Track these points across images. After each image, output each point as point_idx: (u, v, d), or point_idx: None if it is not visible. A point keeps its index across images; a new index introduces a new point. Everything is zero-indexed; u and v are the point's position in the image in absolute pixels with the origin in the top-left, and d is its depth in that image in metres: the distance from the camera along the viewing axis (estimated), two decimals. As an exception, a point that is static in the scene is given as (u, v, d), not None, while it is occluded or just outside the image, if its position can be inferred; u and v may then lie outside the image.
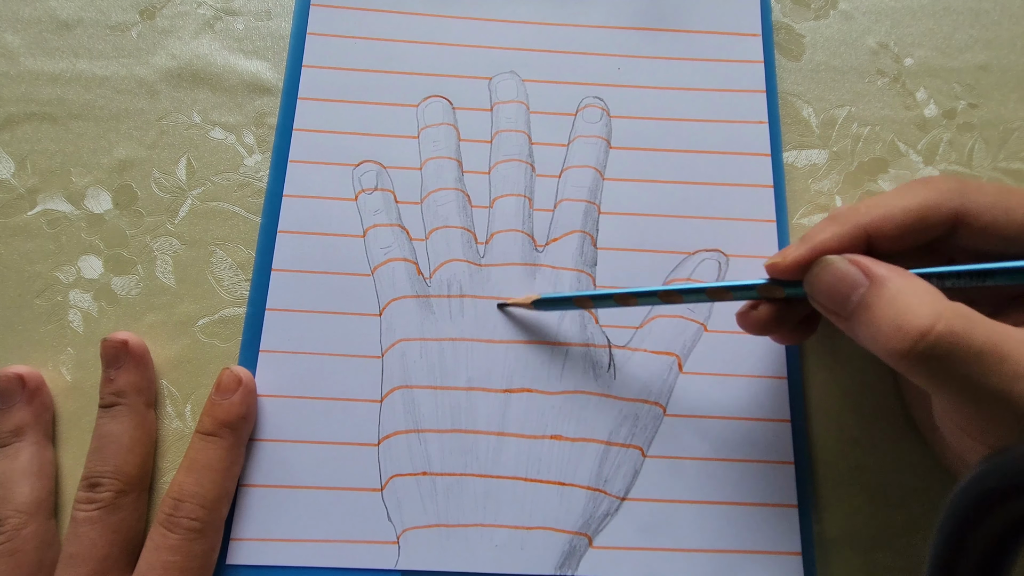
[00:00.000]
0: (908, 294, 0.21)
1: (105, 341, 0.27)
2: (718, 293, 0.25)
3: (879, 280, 0.22)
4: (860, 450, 0.28)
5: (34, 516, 0.25)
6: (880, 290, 0.21)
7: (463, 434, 0.28)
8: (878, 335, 0.21)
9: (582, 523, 0.27)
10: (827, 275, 0.23)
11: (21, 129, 0.32)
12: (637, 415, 0.28)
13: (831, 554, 0.27)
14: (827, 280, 0.23)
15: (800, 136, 0.33)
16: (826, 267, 0.23)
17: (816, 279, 0.23)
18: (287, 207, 0.31)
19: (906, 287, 0.21)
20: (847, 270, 0.22)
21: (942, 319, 0.20)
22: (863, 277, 0.22)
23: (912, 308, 0.20)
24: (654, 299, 0.26)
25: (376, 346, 0.29)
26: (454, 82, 0.33)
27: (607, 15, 0.34)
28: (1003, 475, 0.17)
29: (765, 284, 0.25)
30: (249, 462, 0.27)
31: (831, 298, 0.23)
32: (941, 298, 0.21)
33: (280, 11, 0.34)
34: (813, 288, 0.23)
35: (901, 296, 0.21)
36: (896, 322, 0.20)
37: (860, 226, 0.24)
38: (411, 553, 0.26)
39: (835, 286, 0.23)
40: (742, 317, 0.26)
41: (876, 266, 0.22)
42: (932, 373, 0.20)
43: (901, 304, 0.21)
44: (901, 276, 0.22)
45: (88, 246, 0.30)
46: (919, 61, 0.34)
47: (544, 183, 0.32)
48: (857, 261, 0.22)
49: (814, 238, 0.24)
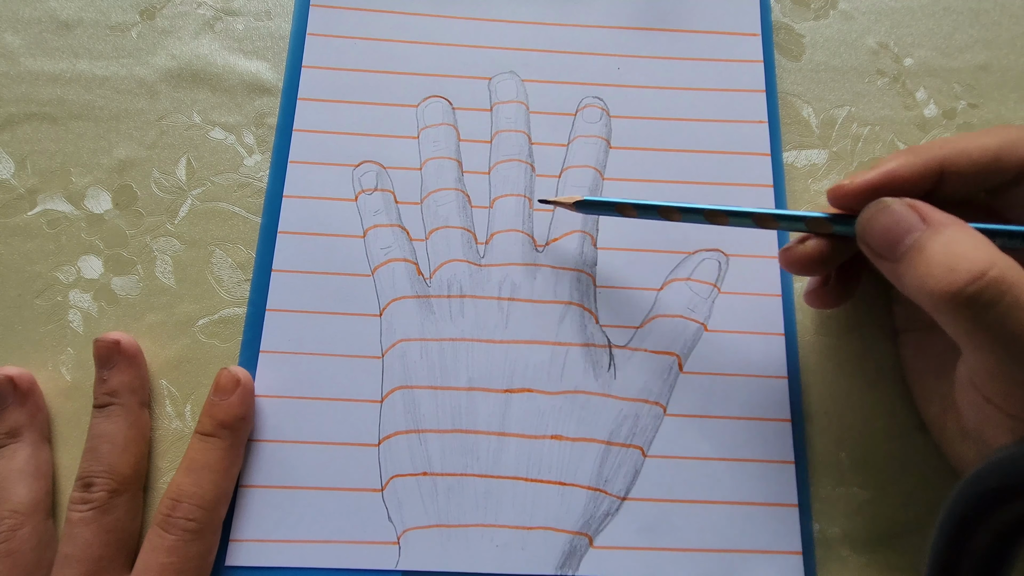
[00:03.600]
0: (964, 240, 0.21)
1: (98, 341, 0.27)
2: (764, 220, 0.25)
3: (936, 224, 0.21)
4: (860, 450, 0.28)
5: (31, 516, 0.25)
6: (936, 234, 0.21)
7: (463, 434, 0.28)
8: (928, 276, 0.21)
9: (583, 523, 0.27)
10: (884, 216, 0.23)
11: (21, 129, 0.32)
12: (637, 415, 0.28)
13: (831, 554, 0.27)
14: (883, 221, 0.23)
15: (800, 136, 0.33)
16: (884, 208, 0.23)
17: (872, 219, 0.23)
18: (287, 207, 0.31)
19: (962, 233, 0.21)
20: (904, 212, 0.22)
21: (996, 266, 0.20)
22: (920, 221, 0.22)
23: (967, 253, 0.20)
24: (699, 216, 0.26)
25: (376, 346, 0.29)
26: (454, 82, 0.33)
27: (607, 15, 0.34)
28: (1003, 475, 0.17)
29: (815, 217, 0.25)
30: (249, 462, 0.27)
31: (884, 239, 0.22)
32: (996, 249, 0.21)
33: (280, 11, 0.34)
34: (866, 228, 0.23)
35: (957, 241, 0.21)
36: (949, 263, 0.20)
37: (935, 158, 0.24)
38: (412, 553, 0.26)
39: (891, 228, 0.22)
40: (787, 253, 0.26)
41: (934, 212, 0.22)
42: (976, 319, 0.20)
43: (956, 248, 0.21)
44: (958, 224, 0.22)
45: (88, 246, 0.30)
46: (919, 61, 0.34)
47: (544, 183, 0.32)
48: (915, 205, 0.22)
49: (884, 164, 0.24)
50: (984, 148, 0.24)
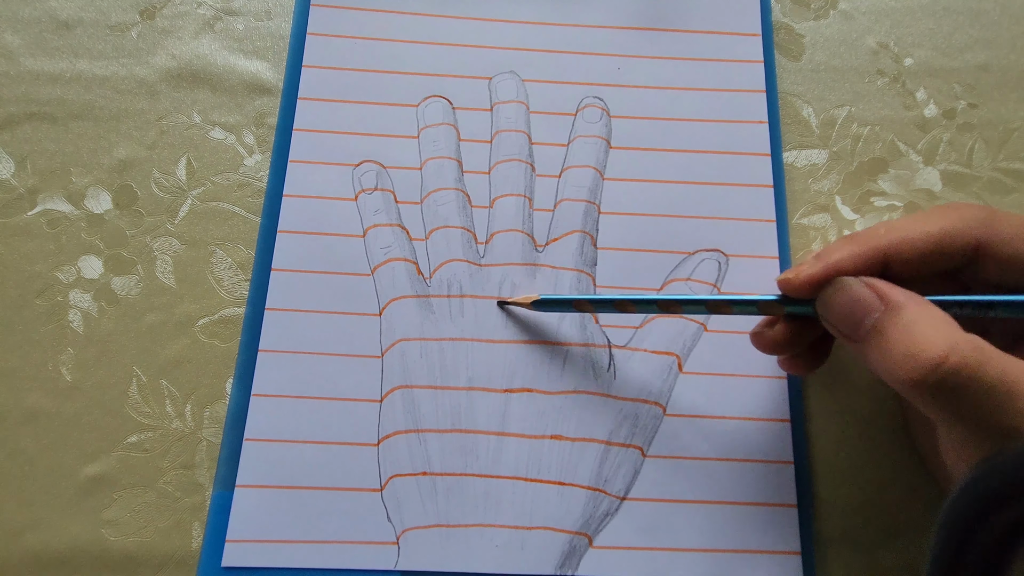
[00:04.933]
0: (923, 322, 0.20)
1: None
2: (718, 306, 0.25)
3: (894, 305, 0.21)
4: (860, 450, 0.28)
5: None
6: (895, 316, 0.21)
7: (463, 434, 0.28)
8: (890, 362, 0.20)
9: (582, 523, 0.27)
10: (841, 296, 0.23)
11: (21, 129, 0.32)
12: (637, 415, 0.28)
13: (831, 554, 0.27)
14: (841, 301, 0.22)
15: (800, 136, 0.33)
16: (841, 288, 0.23)
17: (830, 300, 0.23)
18: (287, 207, 0.31)
19: (921, 315, 0.21)
20: (862, 293, 0.22)
21: (956, 351, 0.19)
22: (878, 301, 0.22)
23: (927, 337, 0.20)
24: (653, 307, 0.26)
25: (376, 346, 0.29)
26: (454, 82, 0.33)
27: (607, 15, 0.34)
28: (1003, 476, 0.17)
29: (766, 300, 0.25)
30: (248, 462, 0.27)
31: (844, 320, 0.22)
32: (956, 329, 0.20)
33: (280, 11, 0.34)
34: (826, 308, 0.23)
35: (916, 324, 0.20)
36: (910, 350, 0.20)
37: (878, 248, 0.23)
38: (411, 553, 0.26)
39: (849, 308, 0.22)
40: (757, 337, 0.26)
41: (892, 291, 0.22)
42: (942, 405, 0.20)
43: (916, 332, 0.20)
44: (917, 303, 0.21)
45: (88, 246, 0.30)
46: (919, 61, 0.34)
47: (544, 183, 0.32)
48: (873, 284, 0.22)
49: (829, 256, 0.24)
50: (927, 235, 0.23)
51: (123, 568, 0.26)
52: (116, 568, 0.26)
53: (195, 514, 0.27)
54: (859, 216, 0.32)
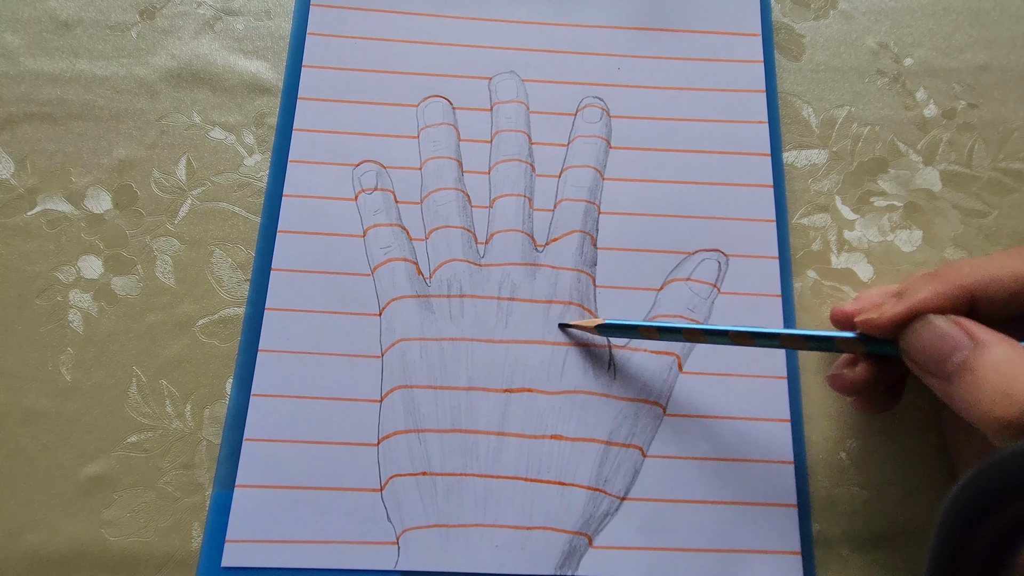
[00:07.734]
0: (1016, 362, 0.20)
1: None
2: (793, 341, 0.25)
3: (984, 344, 0.21)
4: (860, 450, 0.28)
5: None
6: (985, 354, 0.21)
7: (463, 434, 0.28)
8: (981, 400, 0.20)
9: (582, 523, 0.27)
10: (928, 332, 0.22)
11: (21, 129, 0.32)
12: (637, 415, 0.28)
13: (830, 554, 0.27)
14: (928, 338, 0.22)
15: (800, 136, 0.33)
16: (927, 325, 0.22)
17: (915, 336, 0.23)
18: (287, 207, 0.31)
19: (1013, 355, 0.20)
20: (949, 330, 0.22)
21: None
22: (966, 338, 0.21)
23: (1021, 376, 0.20)
24: (725, 339, 0.26)
25: (376, 346, 0.29)
26: (454, 82, 0.33)
27: (607, 15, 0.34)
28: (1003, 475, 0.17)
29: (844, 338, 0.24)
30: (247, 462, 0.27)
31: (930, 357, 0.22)
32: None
33: (280, 11, 0.34)
34: (910, 346, 0.23)
35: (1009, 363, 0.20)
36: (1003, 389, 0.20)
37: (964, 288, 0.23)
38: (411, 553, 0.26)
39: (936, 345, 0.22)
40: (836, 379, 0.26)
41: (980, 330, 0.21)
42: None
43: (1008, 371, 0.20)
44: (1007, 343, 0.21)
45: (88, 246, 0.30)
46: (919, 61, 0.34)
47: (544, 183, 0.32)
48: (960, 322, 0.22)
49: (913, 296, 0.23)
50: (1016, 276, 0.23)
51: (123, 568, 0.26)
52: (116, 568, 0.26)
53: (195, 514, 0.27)
54: (859, 216, 0.32)
